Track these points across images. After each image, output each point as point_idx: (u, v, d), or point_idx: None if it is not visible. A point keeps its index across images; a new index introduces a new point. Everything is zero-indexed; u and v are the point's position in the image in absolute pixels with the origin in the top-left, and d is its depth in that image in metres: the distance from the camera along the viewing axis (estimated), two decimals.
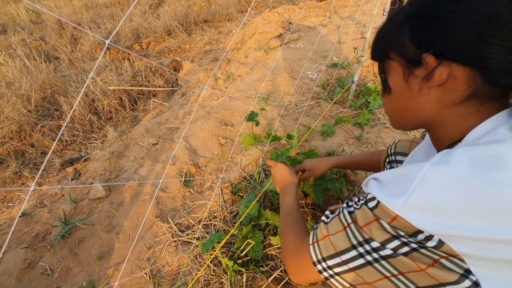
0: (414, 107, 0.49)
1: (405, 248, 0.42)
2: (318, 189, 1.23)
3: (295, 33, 3.53)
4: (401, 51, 0.46)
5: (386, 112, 0.58)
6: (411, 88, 0.47)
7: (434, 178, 0.40)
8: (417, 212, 0.40)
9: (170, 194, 1.52)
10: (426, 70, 0.44)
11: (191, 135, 1.90)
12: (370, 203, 0.46)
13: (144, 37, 5.59)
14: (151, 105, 3.15)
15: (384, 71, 0.51)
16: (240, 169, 1.58)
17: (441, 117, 0.48)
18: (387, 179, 0.47)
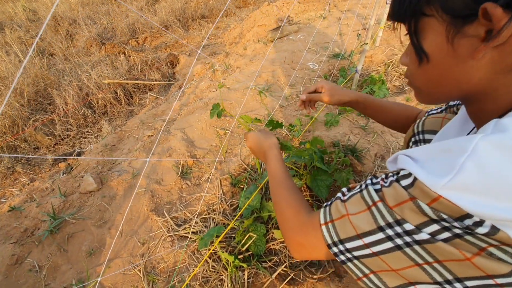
0: (458, 75, 0.39)
1: (446, 233, 0.34)
2: (322, 184, 1.15)
3: (294, 25, 3.45)
4: (444, 3, 0.35)
5: (417, 86, 0.47)
6: (456, 52, 0.37)
7: (489, 151, 0.32)
8: (466, 193, 0.33)
9: (166, 187, 1.43)
10: (482, 27, 0.33)
11: (188, 126, 1.81)
12: (403, 181, 0.38)
13: (140, 32, 5.50)
14: (147, 99, 3.05)
15: (417, 33, 0.40)
16: (240, 160, 1.50)
17: (493, 85, 0.38)
18: (424, 156, 0.39)
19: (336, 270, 0.98)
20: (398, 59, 2.40)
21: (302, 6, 4.81)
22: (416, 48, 0.41)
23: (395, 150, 1.49)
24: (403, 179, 0.39)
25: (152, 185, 1.45)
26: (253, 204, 1.06)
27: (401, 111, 0.86)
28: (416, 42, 0.41)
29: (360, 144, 1.50)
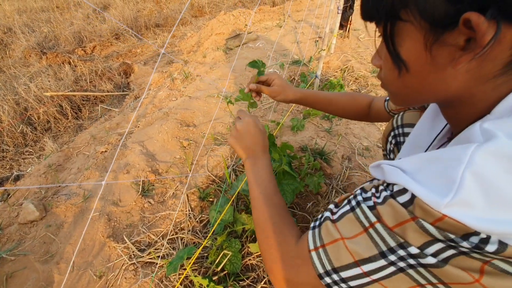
0: (436, 83, 0.37)
1: (451, 251, 0.32)
2: (288, 188, 1.10)
3: (253, 33, 3.48)
4: (423, 10, 0.33)
5: (392, 91, 0.45)
6: (434, 61, 0.35)
7: (487, 161, 0.31)
8: (469, 208, 0.30)
9: (125, 208, 1.28)
10: (462, 36, 0.32)
11: (147, 139, 1.67)
12: (400, 197, 0.35)
13: (88, 41, 5.10)
14: (98, 111, 2.79)
15: (392, 38, 0.37)
16: (207, 171, 1.41)
17: (470, 92, 0.37)
18: (414, 167, 0.36)
19: None
20: (352, 65, 2.53)
21: (259, 15, 4.90)
22: (393, 55, 0.39)
23: (359, 151, 1.54)
24: (399, 195, 0.35)
25: (108, 207, 1.29)
26: (226, 218, 0.99)
27: (348, 100, 0.87)
28: (392, 48, 0.38)
29: (327, 147, 1.52)
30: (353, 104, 0.88)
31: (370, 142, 1.61)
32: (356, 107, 0.88)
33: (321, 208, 1.21)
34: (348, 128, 1.72)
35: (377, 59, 0.46)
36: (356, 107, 0.88)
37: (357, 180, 1.35)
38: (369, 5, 0.39)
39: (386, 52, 0.40)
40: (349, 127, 1.73)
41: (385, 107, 0.84)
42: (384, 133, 0.89)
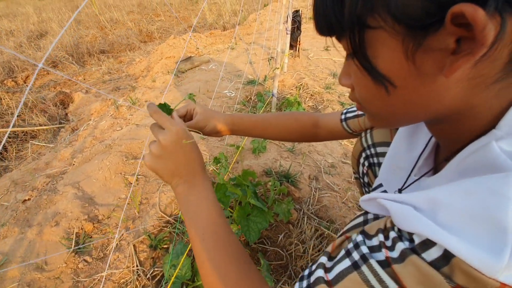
0: (426, 97, 0.30)
1: None
2: (254, 227, 0.95)
3: (205, 55, 3.40)
4: (395, 11, 0.25)
5: (372, 112, 0.37)
6: (420, 71, 0.28)
7: None
8: None
9: (52, 273, 1.00)
10: (450, 36, 0.24)
11: (84, 178, 1.40)
12: (427, 253, 0.25)
13: (19, 71, 4.56)
14: (29, 149, 2.38)
15: (363, 52, 0.29)
16: (159, 211, 1.20)
17: (469, 103, 0.30)
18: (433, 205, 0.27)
19: None
20: (306, 82, 2.55)
21: (210, 39, 4.89)
22: (370, 70, 0.30)
23: (325, 169, 1.46)
24: (424, 249, 0.25)
25: (29, 273, 1.00)
26: (181, 274, 0.79)
27: (289, 121, 0.75)
28: (366, 63, 0.30)
29: (292, 168, 1.41)
30: (295, 125, 0.75)
31: (334, 158, 1.56)
32: (299, 128, 0.76)
33: (294, 239, 1.07)
34: (311, 145, 1.65)
35: (345, 78, 0.37)
36: (299, 128, 0.76)
37: (328, 201, 1.25)
38: (325, 16, 0.30)
39: (356, 69, 0.32)
40: (312, 144, 1.66)
41: (344, 127, 0.73)
42: (353, 154, 0.80)
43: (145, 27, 6.69)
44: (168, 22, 7.12)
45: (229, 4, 7.29)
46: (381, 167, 0.58)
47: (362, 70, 0.31)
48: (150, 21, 7.36)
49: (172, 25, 6.78)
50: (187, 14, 7.63)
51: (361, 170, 0.75)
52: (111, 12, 7.58)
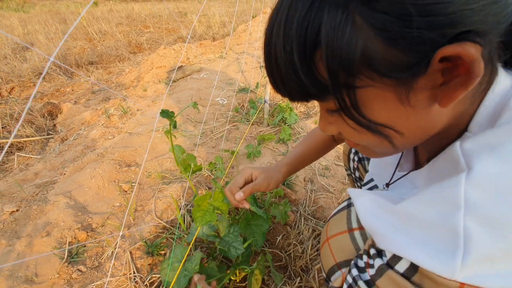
0: (424, 128, 0.32)
1: None
2: (258, 230, 0.95)
3: (196, 64, 3.42)
4: (381, 68, 0.26)
5: (377, 152, 0.38)
6: (416, 109, 0.29)
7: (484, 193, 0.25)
8: (492, 264, 0.24)
9: (44, 285, 0.96)
10: (438, 72, 0.26)
11: (76, 187, 1.37)
12: (398, 265, 0.29)
13: (4, 82, 4.46)
14: (14, 161, 2.31)
15: (356, 109, 0.30)
16: (155, 217, 1.18)
17: (456, 116, 0.33)
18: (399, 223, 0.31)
19: None
20: None
21: (200, 49, 4.94)
22: (366, 125, 0.31)
23: (319, 171, 1.48)
24: (395, 262, 0.29)
25: (18, 286, 0.95)
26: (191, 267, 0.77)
27: (322, 143, 0.80)
28: (361, 119, 0.30)
29: None
30: (324, 145, 0.81)
31: (328, 161, 1.58)
32: (327, 146, 0.81)
33: (292, 240, 1.07)
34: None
35: (330, 128, 0.38)
36: (327, 146, 0.81)
37: (324, 202, 1.26)
38: (298, 87, 0.30)
39: (348, 121, 0.32)
40: None
41: None
42: (344, 151, 0.84)
43: (134, 38, 6.70)
44: (157, 34, 7.16)
45: (218, 16, 7.42)
46: (370, 162, 0.62)
47: (357, 126, 0.32)
48: (139, 33, 7.37)
49: (162, 36, 6.81)
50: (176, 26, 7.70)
51: (351, 166, 0.78)
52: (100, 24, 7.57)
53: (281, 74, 0.29)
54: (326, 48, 0.25)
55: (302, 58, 0.27)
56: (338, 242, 0.46)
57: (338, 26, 0.24)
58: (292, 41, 0.26)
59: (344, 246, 0.44)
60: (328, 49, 0.25)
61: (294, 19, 0.26)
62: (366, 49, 0.25)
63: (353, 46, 0.25)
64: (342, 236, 0.45)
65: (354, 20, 0.24)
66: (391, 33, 0.24)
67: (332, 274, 0.46)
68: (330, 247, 0.47)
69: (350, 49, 0.25)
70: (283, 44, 0.27)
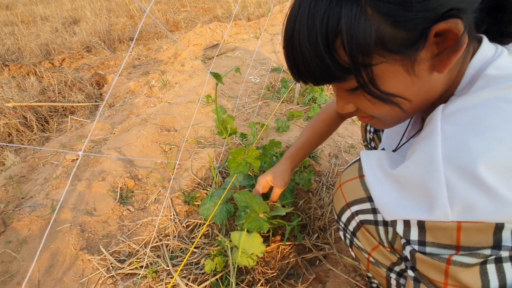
0: (427, 93, 0.39)
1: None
2: (286, 189, 1.05)
3: (231, 43, 3.50)
4: (391, 46, 0.33)
5: (388, 121, 0.45)
6: (420, 77, 0.37)
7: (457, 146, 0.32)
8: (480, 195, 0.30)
9: (101, 217, 1.16)
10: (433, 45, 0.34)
11: (125, 145, 1.56)
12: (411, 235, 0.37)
13: (56, 53, 4.87)
14: (68, 123, 2.61)
15: (374, 83, 0.37)
16: (192, 174, 1.33)
17: (450, 81, 0.40)
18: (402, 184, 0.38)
19: (317, 276, 0.89)
20: None
21: (235, 29, 4.98)
22: (383, 98, 0.38)
23: (345, 149, 1.54)
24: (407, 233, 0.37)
25: (81, 217, 1.16)
26: (220, 215, 0.90)
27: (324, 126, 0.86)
28: (379, 92, 0.38)
29: None
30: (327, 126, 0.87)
31: (354, 140, 1.63)
32: (330, 127, 0.87)
33: (313, 204, 1.17)
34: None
35: (348, 106, 0.44)
36: (330, 126, 0.87)
37: None
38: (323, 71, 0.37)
39: (366, 96, 0.39)
40: None
41: None
42: (362, 124, 0.89)
43: (171, 17, 6.88)
44: (194, 13, 7.28)
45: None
46: (384, 132, 0.68)
47: (370, 97, 0.39)
48: (176, 11, 7.54)
49: (198, 15, 6.92)
50: (212, 5, 7.75)
51: (368, 137, 0.84)
52: (140, 2, 7.83)
53: (307, 63, 0.36)
54: (346, 36, 0.33)
55: (326, 47, 0.34)
56: (349, 187, 0.52)
57: (355, 17, 0.31)
58: (317, 33, 0.34)
59: (354, 188, 0.50)
60: (348, 37, 0.32)
61: (316, 15, 0.33)
62: (378, 33, 0.32)
63: (368, 32, 0.32)
64: (353, 181, 0.51)
65: (366, 11, 0.31)
66: (396, 17, 0.31)
67: (342, 213, 0.53)
68: (342, 191, 0.53)
69: (366, 34, 0.32)
70: (308, 37, 0.34)
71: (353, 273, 0.87)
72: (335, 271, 0.88)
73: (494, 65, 0.35)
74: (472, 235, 0.31)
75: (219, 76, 0.83)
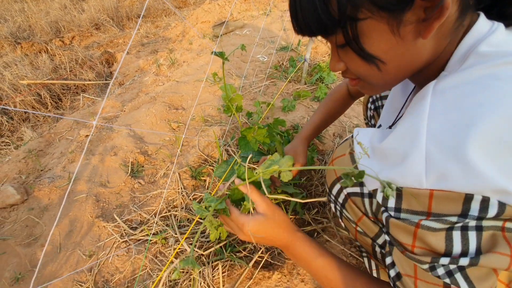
0: (412, 58, 0.39)
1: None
2: None
3: (239, 20, 3.43)
4: (380, 2, 0.34)
5: (372, 83, 0.45)
6: (405, 40, 0.37)
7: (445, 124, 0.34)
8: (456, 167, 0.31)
9: (114, 189, 1.23)
10: (420, 8, 0.34)
11: (135, 122, 1.62)
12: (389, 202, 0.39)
13: (66, 31, 4.89)
14: (80, 101, 2.68)
15: (357, 40, 0.38)
16: (198, 150, 1.38)
17: (438, 51, 0.40)
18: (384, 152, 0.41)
19: None
20: None
21: (244, 5, 4.84)
22: (365, 56, 0.39)
23: (350, 129, 1.55)
24: (385, 202, 0.40)
25: (95, 188, 1.23)
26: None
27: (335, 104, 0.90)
28: (360, 49, 0.39)
29: None
30: (338, 105, 0.91)
31: (359, 120, 1.63)
32: (342, 106, 0.91)
33: (315, 181, 1.21)
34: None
35: (338, 64, 0.46)
36: (342, 105, 0.91)
37: None
38: (316, 21, 0.38)
39: (353, 55, 0.40)
40: None
41: None
42: (363, 102, 0.91)
43: None
44: None
45: None
46: (383, 109, 0.69)
47: (355, 56, 0.40)
48: None
49: None
50: None
51: (368, 114, 0.86)
52: None
53: (304, 13, 0.38)
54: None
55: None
56: (340, 162, 0.54)
57: None
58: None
59: (344, 164, 0.53)
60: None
61: None
62: None
63: None
64: (344, 157, 0.54)
65: None
66: None
67: (333, 186, 0.57)
68: (333, 166, 0.56)
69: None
70: None
71: (349, 244, 0.93)
72: (332, 242, 0.93)
73: (487, 42, 0.35)
74: (443, 203, 0.33)
75: (223, 54, 0.85)
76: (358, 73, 0.45)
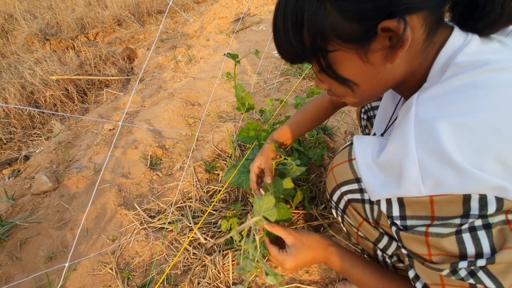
0: (385, 78, 0.44)
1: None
2: (302, 157, 1.14)
3: (256, 16, 3.45)
4: (346, 37, 0.38)
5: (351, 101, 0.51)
6: (374, 65, 0.41)
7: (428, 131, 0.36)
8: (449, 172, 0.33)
9: (135, 180, 1.33)
10: (385, 38, 0.38)
11: (154, 117, 1.71)
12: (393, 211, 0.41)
13: (90, 27, 5.09)
14: (104, 95, 2.83)
15: (330, 68, 0.43)
16: (213, 146, 1.44)
17: (411, 70, 0.44)
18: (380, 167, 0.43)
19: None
20: None
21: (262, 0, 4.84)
22: (339, 80, 0.44)
23: None
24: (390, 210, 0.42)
25: (118, 179, 1.33)
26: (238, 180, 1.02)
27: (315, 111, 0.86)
28: (335, 76, 0.44)
29: (330, 123, 1.54)
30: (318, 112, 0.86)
31: None
32: (322, 113, 0.87)
33: (324, 178, 1.24)
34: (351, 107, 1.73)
35: (321, 84, 0.51)
36: (322, 113, 0.86)
37: None
38: (292, 54, 0.44)
39: (330, 79, 0.45)
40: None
41: None
42: (357, 112, 0.92)
43: None
44: None
45: None
46: (375, 118, 0.71)
47: (331, 80, 0.45)
48: None
49: None
50: None
51: (362, 124, 0.87)
52: None
53: (282, 43, 0.44)
54: (307, 26, 0.39)
55: (294, 32, 0.41)
56: (340, 169, 0.56)
57: (315, 11, 0.38)
58: (288, 21, 0.41)
59: (344, 172, 0.55)
60: (308, 27, 0.39)
61: (289, 7, 0.40)
62: (333, 24, 0.38)
63: (325, 23, 0.38)
64: (343, 164, 0.55)
65: (325, 5, 0.37)
66: (349, 12, 0.36)
67: (333, 193, 0.59)
68: (333, 174, 0.58)
69: (324, 25, 0.38)
70: (283, 23, 0.41)
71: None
72: (337, 237, 0.97)
73: (463, 53, 0.38)
74: (444, 206, 0.35)
75: (235, 56, 0.89)
76: (337, 93, 0.50)
